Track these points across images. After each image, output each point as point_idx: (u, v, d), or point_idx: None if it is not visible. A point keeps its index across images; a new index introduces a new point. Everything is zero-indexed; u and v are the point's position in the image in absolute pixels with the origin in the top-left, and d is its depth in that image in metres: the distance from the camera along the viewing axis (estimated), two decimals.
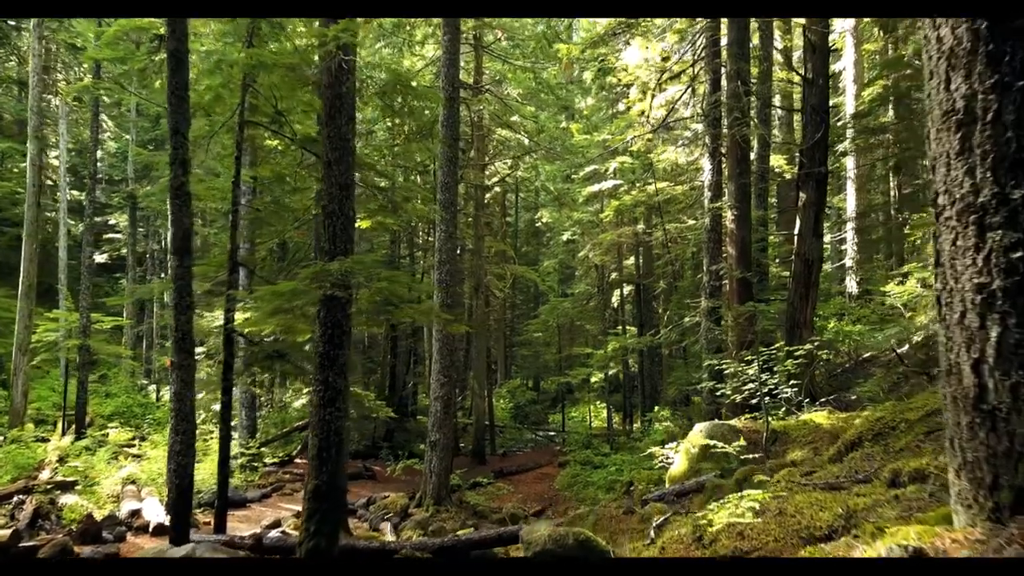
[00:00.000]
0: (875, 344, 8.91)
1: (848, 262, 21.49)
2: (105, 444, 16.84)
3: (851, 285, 21.86)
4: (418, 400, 25.88)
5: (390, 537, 10.88)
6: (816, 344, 8.55)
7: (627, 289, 26.83)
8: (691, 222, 21.37)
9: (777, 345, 7.77)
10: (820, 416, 8.00)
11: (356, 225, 10.31)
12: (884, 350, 16.35)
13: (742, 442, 7.80)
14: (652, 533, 4.32)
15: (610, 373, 26.52)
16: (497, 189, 30.22)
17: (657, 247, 24.55)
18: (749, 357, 7.77)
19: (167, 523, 10.82)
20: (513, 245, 35.10)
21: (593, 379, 26.15)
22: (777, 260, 20.59)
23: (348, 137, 6.87)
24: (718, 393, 9.37)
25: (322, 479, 6.23)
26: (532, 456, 21.35)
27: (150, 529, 10.29)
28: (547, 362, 28.74)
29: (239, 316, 9.21)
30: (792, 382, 8.45)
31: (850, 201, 21.29)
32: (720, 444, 7.79)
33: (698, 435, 8.10)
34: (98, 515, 11.25)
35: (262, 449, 17.35)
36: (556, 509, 15.04)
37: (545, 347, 27.75)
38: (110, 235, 31.98)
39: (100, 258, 30.95)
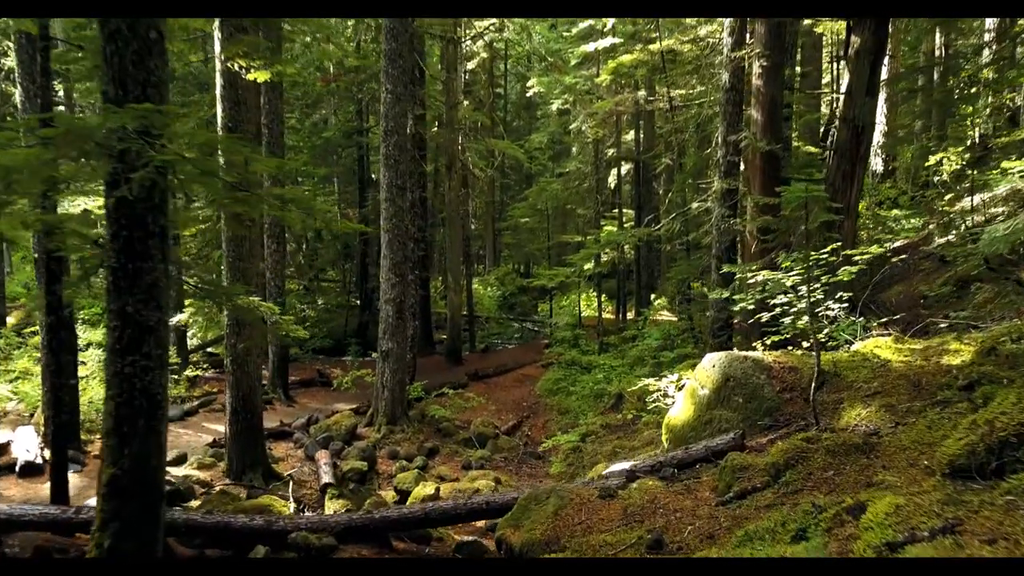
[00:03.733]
0: (988, 248, 6.40)
1: (876, 136, 18.55)
2: (25, 345, 14.72)
3: (875, 163, 19.16)
4: None
5: (326, 473, 8.91)
6: (890, 249, 6.08)
7: (625, 168, 23.94)
8: (700, 88, 18.21)
9: (832, 246, 5.29)
10: (883, 346, 5.66)
11: (250, 77, 7.55)
12: (921, 239, 13.89)
13: (773, 386, 5.51)
14: None
15: (603, 260, 24.18)
16: (484, 55, 26.54)
17: (660, 119, 21.45)
18: (788, 262, 5.32)
19: (41, 461, 8.84)
20: (502, 118, 31.70)
21: (586, 266, 23.87)
22: (798, 133, 17.75)
23: None
24: (736, 306, 6.97)
25: (123, 466, 3.95)
26: (514, 354, 19.43)
27: (17, 468, 8.26)
28: (533, 252, 26.26)
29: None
30: (840, 295, 6.06)
31: None
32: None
33: (710, 370, 5.81)
34: None
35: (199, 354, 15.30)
36: (533, 423, 13.16)
37: (531, 234, 25.17)
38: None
39: None
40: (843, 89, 9.17)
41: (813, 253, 5.24)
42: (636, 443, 9.51)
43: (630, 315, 22.48)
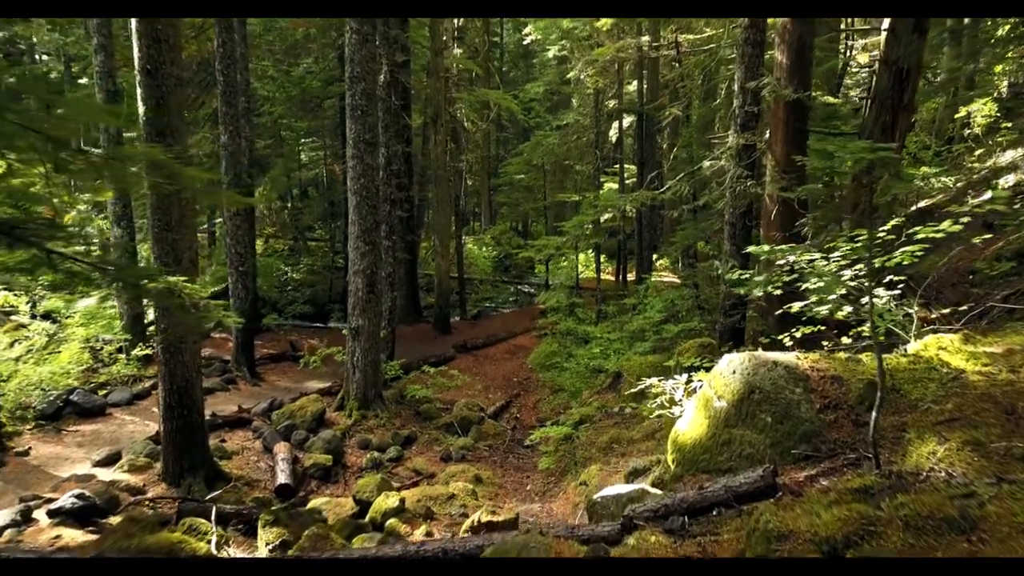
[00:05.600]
0: None
1: None
2: None
3: None
4: None
5: (282, 472, 7.85)
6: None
7: (627, 121, 22.37)
8: (710, 32, 16.59)
9: (894, 222, 4.04)
10: (950, 347, 4.44)
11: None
12: (948, 197, 12.57)
13: (809, 400, 4.32)
14: None
15: (603, 221, 22.83)
16: None
17: (665, 68, 19.83)
18: (832, 242, 4.08)
19: None
20: (498, 68, 29.86)
21: (586, 226, 22.46)
22: (817, 81, 16.18)
23: None
24: (758, 291, 5.73)
25: None
26: (507, 321, 18.30)
27: None
28: (527, 212, 24.81)
29: None
30: (889, 278, 4.83)
31: None
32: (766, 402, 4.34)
33: (729, 377, 4.62)
34: None
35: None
36: (524, 402, 12.08)
37: (527, 192, 23.69)
38: None
39: None
40: (885, 26, 7.75)
41: (882, 232, 4.03)
42: (635, 434, 8.41)
43: (631, 276, 21.29)
